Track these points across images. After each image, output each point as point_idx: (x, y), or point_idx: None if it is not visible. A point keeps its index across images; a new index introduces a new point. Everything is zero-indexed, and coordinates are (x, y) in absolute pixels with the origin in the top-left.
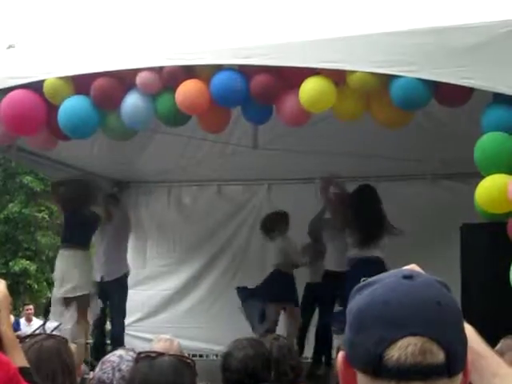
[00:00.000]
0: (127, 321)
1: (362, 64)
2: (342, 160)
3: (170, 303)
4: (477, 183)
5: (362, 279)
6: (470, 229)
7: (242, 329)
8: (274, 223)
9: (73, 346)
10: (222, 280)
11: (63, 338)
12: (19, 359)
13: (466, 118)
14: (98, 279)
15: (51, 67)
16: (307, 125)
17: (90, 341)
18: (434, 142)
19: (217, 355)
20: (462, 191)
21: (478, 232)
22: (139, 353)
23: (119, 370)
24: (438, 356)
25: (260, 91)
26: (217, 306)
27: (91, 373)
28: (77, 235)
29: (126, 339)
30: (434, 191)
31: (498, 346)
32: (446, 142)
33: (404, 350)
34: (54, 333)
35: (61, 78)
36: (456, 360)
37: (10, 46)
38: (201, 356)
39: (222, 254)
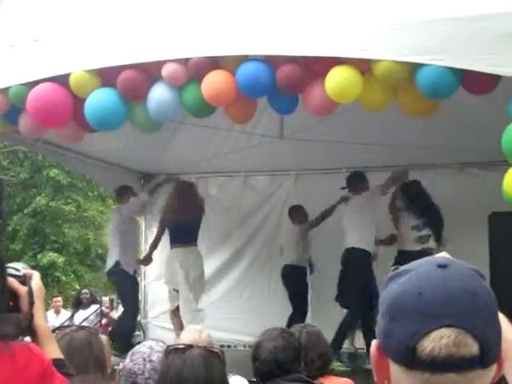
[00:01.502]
0: (156, 312)
1: (388, 53)
2: (368, 150)
3: None
4: (505, 171)
5: (394, 267)
6: (498, 217)
7: (270, 319)
8: None
9: (103, 338)
10: (250, 271)
11: (94, 330)
12: (54, 351)
13: (494, 106)
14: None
15: (77, 60)
16: (333, 114)
17: None
18: (461, 130)
19: (245, 346)
20: (490, 180)
21: (507, 220)
22: (168, 346)
23: (150, 361)
24: (472, 348)
25: (286, 81)
26: (245, 297)
27: (120, 364)
28: None
29: (155, 330)
30: (462, 180)
31: None
32: (474, 131)
33: (438, 341)
34: (84, 324)
35: (87, 70)
36: (490, 351)
37: (35, 40)
38: (229, 346)
39: (250, 244)
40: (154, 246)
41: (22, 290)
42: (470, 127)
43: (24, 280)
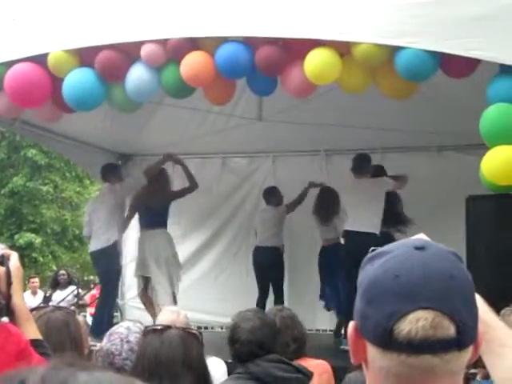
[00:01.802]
0: (133, 293)
1: (367, 35)
2: (347, 132)
3: None
4: (482, 155)
5: (372, 249)
6: (475, 200)
7: (247, 301)
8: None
9: (80, 318)
10: (227, 253)
11: (71, 310)
12: (32, 331)
13: (472, 90)
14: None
15: (56, 40)
16: (312, 97)
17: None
18: (439, 113)
19: (222, 327)
20: (467, 163)
21: (484, 203)
22: (146, 326)
23: (127, 342)
24: (449, 330)
25: (265, 63)
26: (222, 279)
27: (97, 344)
28: None
29: (132, 311)
30: (439, 163)
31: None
32: (452, 114)
33: (415, 323)
34: (61, 305)
35: (65, 50)
36: (467, 334)
37: (13, 19)
38: (206, 328)
39: (227, 226)
40: (123, 229)
41: (0, 270)
42: (448, 110)
43: (2, 260)
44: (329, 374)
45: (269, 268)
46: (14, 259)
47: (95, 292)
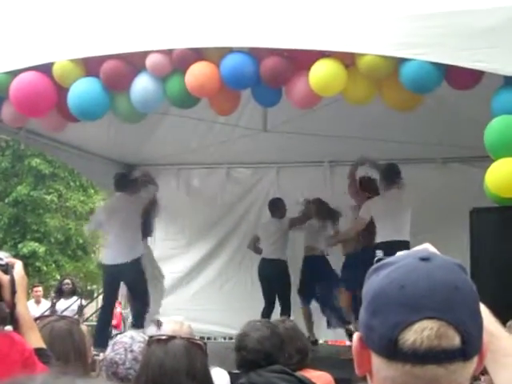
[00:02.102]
0: None
1: (372, 47)
2: (351, 143)
3: (179, 285)
4: (487, 167)
5: (377, 259)
6: (479, 213)
7: (251, 311)
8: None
9: (84, 328)
10: (231, 263)
11: (75, 319)
12: (36, 340)
13: (477, 102)
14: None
15: (61, 49)
16: (317, 108)
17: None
18: (444, 125)
19: (225, 337)
20: (472, 175)
21: (488, 216)
22: (150, 336)
23: (131, 351)
24: (454, 340)
25: (270, 74)
26: (226, 289)
27: (101, 354)
28: None
29: None
30: (444, 175)
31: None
32: (456, 126)
33: (420, 333)
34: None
35: (71, 60)
36: (471, 344)
37: (19, 28)
38: (209, 338)
39: (231, 236)
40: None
41: (4, 278)
42: (452, 122)
43: (6, 269)
44: None
45: (275, 280)
46: (19, 268)
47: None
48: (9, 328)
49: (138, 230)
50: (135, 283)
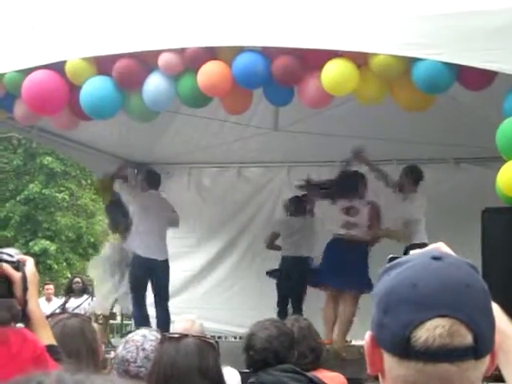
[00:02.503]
0: (147, 301)
1: (384, 46)
2: (362, 143)
3: (189, 284)
4: (499, 168)
5: (390, 257)
6: (491, 213)
7: (262, 311)
8: None
9: (95, 326)
10: (242, 262)
11: (86, 317)
12: (47, 337)
13: (489, 102)
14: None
15: (74, 48)
16: (329, 107)
17: None
18: (456, 125)
19: (235, 337)
20: (484, 175)
21: (500, 216)
22: (163, 334)
23: (143, 350)
24: (466, 338)
25: (282, 73)
26: (236, 288)
27: (112, 352)
28: None
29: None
30: (456, 175)
31: None
32: (469, 126)
33: (432, 331)
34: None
35: (83, 58)
36: (484, 342)
37: (32, 27)
38: (219, 338)
39: (242, 235)
40: None
41: (16, 275)
42: (465, 123)
43: (18, 266)
44: None
45: (295, 278)
46: (30, 265)
47: None
48: (20, 325)
49: (166, 230)
50: (163, 284)
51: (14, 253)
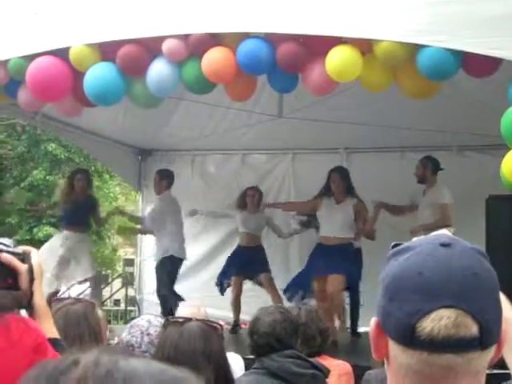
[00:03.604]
0: (151, 288)
1: (388, 33)
2: (367, 130)
3: (193, 271)
4: (503, 155)
5: (393, 243)
6: (495, 200)
7: (265, 297)
8: None
9: (99, 311)
10: None
11: (90, 303)
12: (50, 330)
13: (493, 89)
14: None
15: (78, 34)
16: (333, 94)
17: None
18: (460, 113)
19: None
20: (488, 163)
21: (504, 203)
22: (167, 318)
23: (148, 335)
24: (472, 329)
25: (286, 59)
26: None
27: (116, 338)
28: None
29: (150, 306)
30: (459, 162)
31: None
32: (473, 114)
33: (437, 322)
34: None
35: (87, 44)
36: (489, 333)
37: (35, 13)
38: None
39: None
40: None
41: (22, 267)
42: (468, 110)
43: (23, 257)
44: (349, 376)
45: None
46: (35, 256)
47: None
48: (23, 313)
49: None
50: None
51: (8, 242)
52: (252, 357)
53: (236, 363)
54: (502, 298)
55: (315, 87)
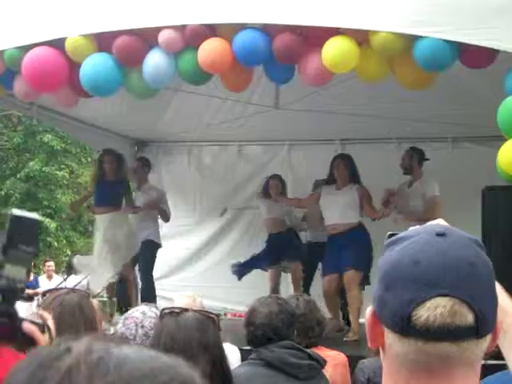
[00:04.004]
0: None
1: (385, 24)
2: (363, 121)
3: (189, 262)
4: (499, 146)
5: (388, 234)
6: (491, 191)
7: (261, 289)
8: None
9: (94, 302)
10: (242, 240)
11: (85, 293)
12: None
13: (490, 80)
14: None
15: (74, 25)
16: (329, 85)
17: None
18: (457, 104)
19: (234, 315)
20: (484, 154)
21: (500, 195)
22: (163, 309)
23: (142, 327)
24: (467, 318)
25: (283, 50)
26: None
27: (111, 328)
28: None
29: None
30: (455, 153)
31: None
32: (469, 105)
33: (433, 310)
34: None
35: (83, 35)
36: (485, 322)
37: (30, 4)
38: (218, 315)
39: (242, 214)
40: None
41: (43, 340)
42: (465, 101)
43: (44, 329)
44: (344, 366)
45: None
46: (51, 324)
47: None
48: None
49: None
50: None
51: (32, 216)
52: (249, 348)
53: (232, 354)
54: (498, 287)
55: (311, 78)
